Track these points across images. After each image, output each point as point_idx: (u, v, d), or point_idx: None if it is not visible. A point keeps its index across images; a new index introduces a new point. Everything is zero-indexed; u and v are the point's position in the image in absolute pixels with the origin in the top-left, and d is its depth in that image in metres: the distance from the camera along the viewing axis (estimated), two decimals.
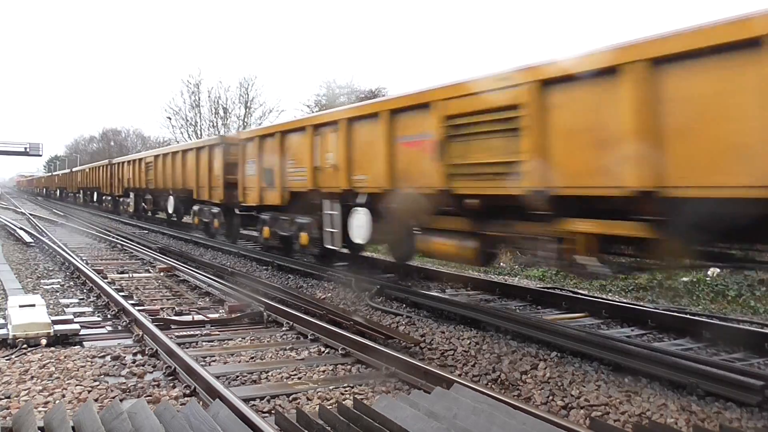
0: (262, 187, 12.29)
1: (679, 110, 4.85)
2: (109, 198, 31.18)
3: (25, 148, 64.74)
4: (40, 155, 71.20)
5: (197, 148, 17.48)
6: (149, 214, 25.18)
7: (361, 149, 9.10)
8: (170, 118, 47.42)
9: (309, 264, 11.38)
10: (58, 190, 55.89)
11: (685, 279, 10.00)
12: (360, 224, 9.32)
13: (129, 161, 26.86)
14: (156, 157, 22.00)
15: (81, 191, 41.21)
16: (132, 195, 26.27)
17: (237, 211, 14.55)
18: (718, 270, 9.77)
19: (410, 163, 8.00)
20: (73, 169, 46.24)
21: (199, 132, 46.61)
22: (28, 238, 16.54)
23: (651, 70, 4.98)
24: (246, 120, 45.32)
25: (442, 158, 7.28)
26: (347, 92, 38.55)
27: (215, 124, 46.65)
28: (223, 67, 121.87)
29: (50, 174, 68.02)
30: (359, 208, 9.32)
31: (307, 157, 10.45)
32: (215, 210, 16.13)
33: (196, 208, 17.73)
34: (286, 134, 11.47)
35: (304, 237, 10.94)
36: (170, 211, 21.05)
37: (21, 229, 19.21)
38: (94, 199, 36.87)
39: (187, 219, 20.42)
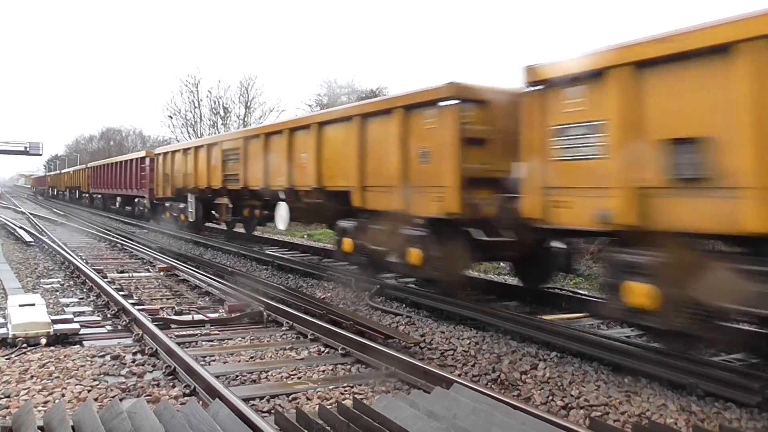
0: None
1: None
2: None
3: (25, 148, 64.47)
4: (40, 154, 70.98)
5: None
6: None
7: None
8: (171, 117, 47.29)
9: (309, 263, 11.37)
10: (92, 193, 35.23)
11: None
12: None
13: None
14: None
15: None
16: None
17: None
18: None
19: None
20: (160, 150, 21.32)
21: (198, 131, 46.53)
22: (28, 238, 16.55)
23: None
24: (246, 119, 45.27)
25: None
26: (348, 92, 38.52)
27: (215, 124, 46.60)
28: (222, 67, 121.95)
29: (74, 169, 45.22)
30: None
31: None
32: None
33: None
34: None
35: None
36: None
37: (21, 228, 19.22)
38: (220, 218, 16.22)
39: None
